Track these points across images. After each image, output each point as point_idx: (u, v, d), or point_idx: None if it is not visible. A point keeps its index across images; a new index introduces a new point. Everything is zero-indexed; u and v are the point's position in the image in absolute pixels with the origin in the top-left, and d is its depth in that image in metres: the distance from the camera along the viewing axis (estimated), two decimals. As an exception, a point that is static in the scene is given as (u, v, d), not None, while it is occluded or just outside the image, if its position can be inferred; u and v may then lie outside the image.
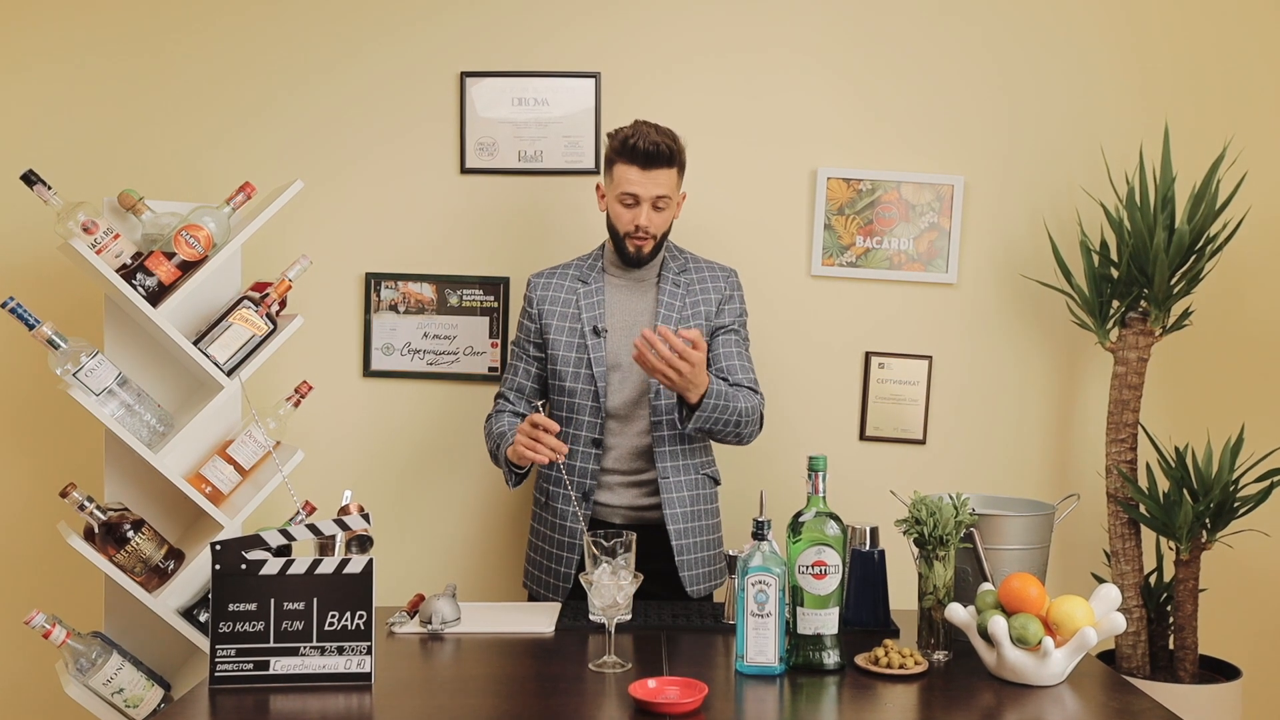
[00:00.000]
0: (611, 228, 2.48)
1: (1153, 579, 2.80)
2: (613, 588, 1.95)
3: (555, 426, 2.25)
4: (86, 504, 2.44)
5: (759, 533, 1.93)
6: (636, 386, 2.45)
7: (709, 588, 2.50)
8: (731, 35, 2.96)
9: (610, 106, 2.95)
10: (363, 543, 2.11)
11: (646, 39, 2.96)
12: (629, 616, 2.09)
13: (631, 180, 2.41)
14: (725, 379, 2.44)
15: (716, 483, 2.56)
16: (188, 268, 2.55)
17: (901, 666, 1.91)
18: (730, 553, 2.21)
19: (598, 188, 2.52)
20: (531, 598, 2.55)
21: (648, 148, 2.39)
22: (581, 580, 1.99)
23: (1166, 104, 2.91)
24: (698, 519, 2.48)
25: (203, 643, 2.57)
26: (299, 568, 1.86)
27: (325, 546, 2.04)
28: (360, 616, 1.86)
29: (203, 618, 2.60)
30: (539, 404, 2.43)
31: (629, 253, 2.46)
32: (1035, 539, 2.15)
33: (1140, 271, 2.68)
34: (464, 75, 2.96)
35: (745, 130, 2.96)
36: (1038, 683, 1.86)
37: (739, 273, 2.61)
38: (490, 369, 2.97)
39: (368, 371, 3.00)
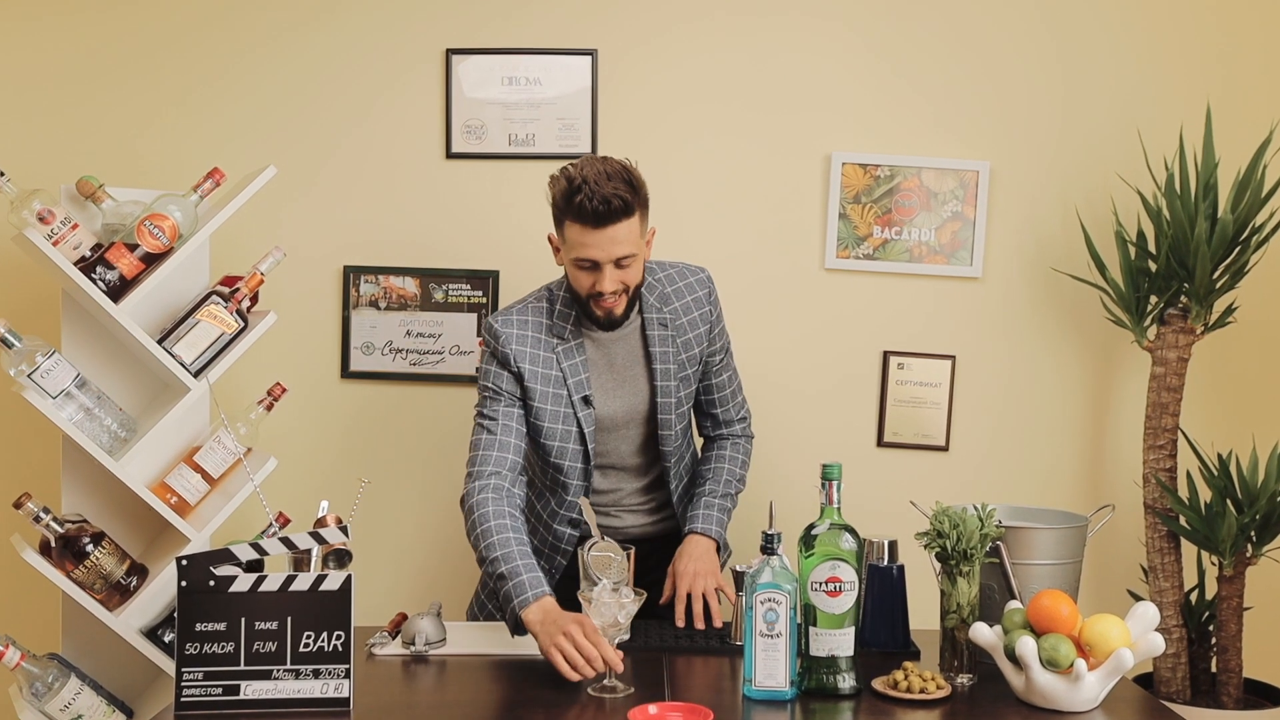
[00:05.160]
0: (571, 289, 2.29)
1: (1193, 596, 2.80)
2: (613, 606, 1.95)
3: (611, 653, 1.96)
4: (42, 515, 2.44)
5: (768, 547, 1.93)
6: (630, 439, 2.42)
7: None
8: (737, 13, 2.96)
9: (607, 86, 2.95)
10: (340, 557, 2.11)
11: (646, 15, 2.96)
12: (628, 636, 2.09)
13: (586, 244, 2.18)
14: (714, 414, 2.52)
15: None
16: (152, 260, 2.55)
17: (922, 691, 1.91)
18: (738, 568, 2.21)
19: (550, 238, 2.31)
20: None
21: (598, 207, 2.14)
22: (580, 599, 1.99)
23: (1209, 84, 2.91)
24: None
25: (168, 665, 2.57)
26: (272, 584, 1.87)
27: (300, 561, 2.04)
28: (338, 637, 1.86)
29: (168, 638, 2.60)
30: (578, 511, 2.34)
31: (597, 318, 2.26)
32: (1066, 553, 2.15)
33: (1180, 264, 2.68)
34: (449, 52, 2.96)
35: (754, 113, 2.96)
36: (1069, 708, 1.86)
37: (721, 272, 2.52)
38: (479, 369, 2.96)
39: (346, 372, 3.00)
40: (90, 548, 2.48)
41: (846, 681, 1.93)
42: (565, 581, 2.33)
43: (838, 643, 1.92)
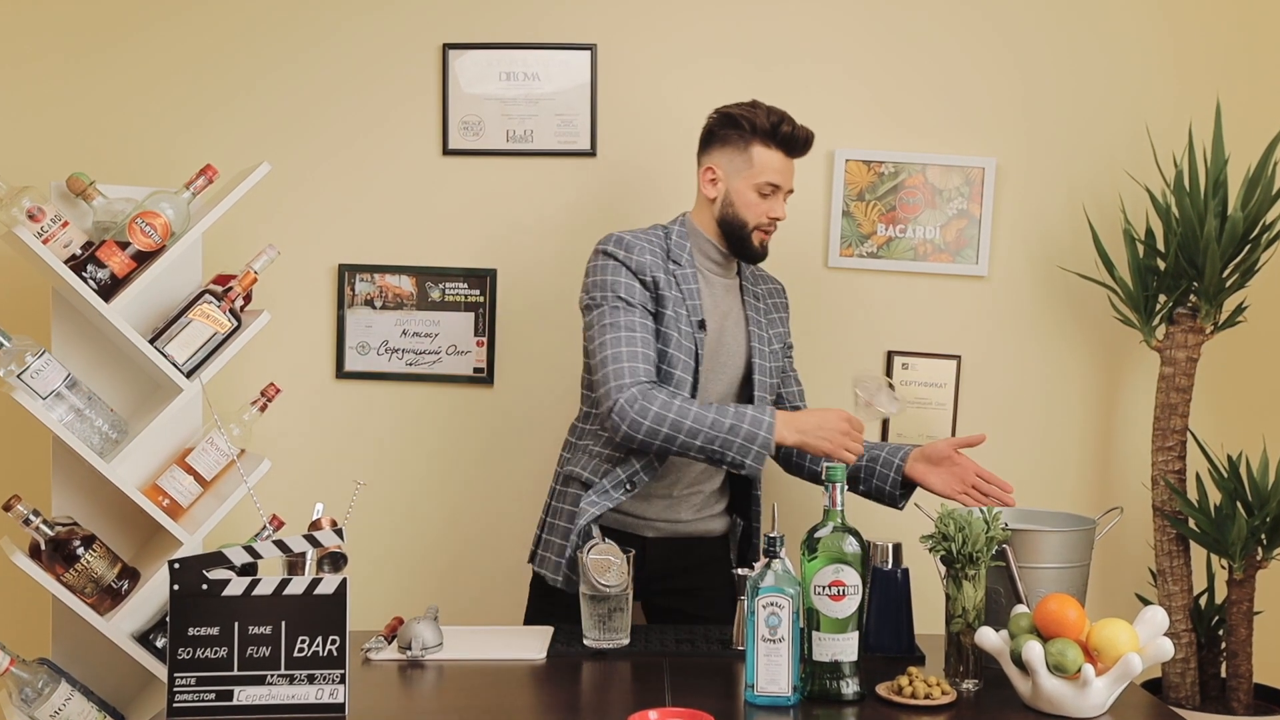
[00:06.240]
0: (731, 217, 2.39)
1: (1203, 600, 2.80)
2: (888, 404, 2.31)
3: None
4: (32, 518, 2.44)
5: (771, 550, 1.93)
6: (719, 391, 2.44)
7: None
8: (738, 7, 2.95)
9: (608, 82, 2.95)
10: (335, 561, 2.11)
11: (646, 9, 2.96)
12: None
13: (777, 169, 2.38)
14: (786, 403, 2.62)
15: None
16: (144, 259, 2.54)
17: (927, 697, 1.91)
18: (739, 572, 2.21)
19: (709, 169, 2.41)
20: (536, 581, 2.49)
21: (803, 136, 2.38)
22: (856, 390, 2.34)
23: (1218, 79, 2.91)
24: None
25: (160, 670, 2.57)
26: (265, 588, 1.86)
27: (294, 565, 2.04)
28: (333, 642, 1.86)
29: (160, 643, 2.60)
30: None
31: (753, 247, 2.41)
32: (1074, 556, 2.15)
33: (1189, 263, 2.68)
34: (446, 47, 2.96)
35: (756, 108, 2.96)
36: (1077, 714, 1.86)
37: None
38: (475, 369, 2.97)
39: (341, 373, 2.99)
40: (81, 551, 2.48)
41: (850, 687, 1.92)
42: (565, 593, 2.31)
43: (841, 647, 1.92)
